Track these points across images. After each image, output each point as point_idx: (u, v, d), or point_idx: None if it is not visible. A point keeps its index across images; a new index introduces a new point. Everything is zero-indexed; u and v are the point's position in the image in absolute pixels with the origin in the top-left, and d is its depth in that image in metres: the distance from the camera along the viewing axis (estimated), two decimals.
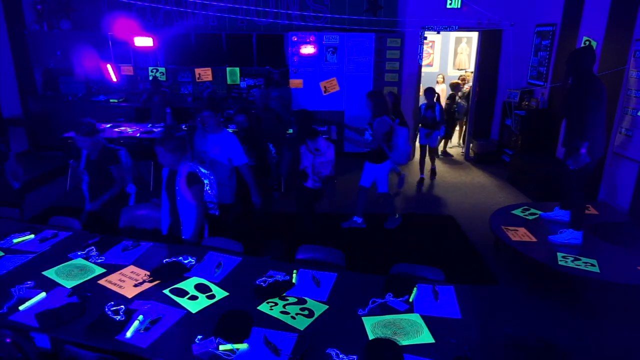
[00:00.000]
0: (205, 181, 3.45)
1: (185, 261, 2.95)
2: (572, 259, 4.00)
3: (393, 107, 5.99)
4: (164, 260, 2.95)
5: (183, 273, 2.82)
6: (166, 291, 2.62)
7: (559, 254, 4.08)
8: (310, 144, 4.44)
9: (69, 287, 2.66)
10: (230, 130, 4.48)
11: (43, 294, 2.55)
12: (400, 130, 5.24)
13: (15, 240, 3.20)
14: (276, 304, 2.52)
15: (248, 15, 8.31)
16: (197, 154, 4.22)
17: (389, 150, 5.18)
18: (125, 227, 3.79)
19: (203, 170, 3.47)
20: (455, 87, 8.74)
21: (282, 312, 2.44)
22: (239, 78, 8.36)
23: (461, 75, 9.82)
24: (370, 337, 2.25)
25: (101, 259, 2.99)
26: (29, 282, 2.67)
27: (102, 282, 2.73)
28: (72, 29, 8.48)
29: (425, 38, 8.35)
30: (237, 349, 2.13)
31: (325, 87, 8.15)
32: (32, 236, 3.28)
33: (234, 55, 8.32)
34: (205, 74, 8.38)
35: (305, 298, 2.58)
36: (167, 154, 3.28)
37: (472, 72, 10.29)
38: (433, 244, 5.09)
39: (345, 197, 6.40)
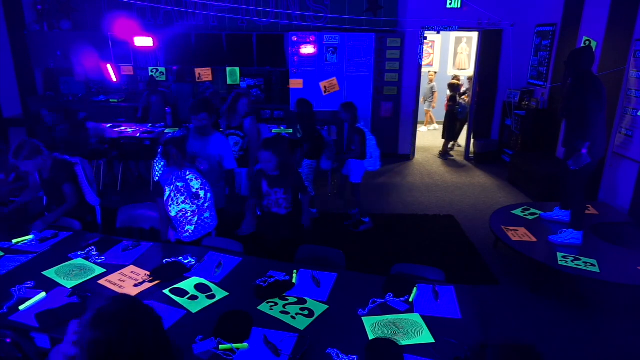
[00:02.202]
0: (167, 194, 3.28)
1: (185, 261, 2.96)
2: (572, 259, 4.00)
3: (307, 119, 5.52)
4: (164, 260, 2.96)
5: (183, 273, 2.82)
6: (166, 291, 2.62)
7: (559, 254, 4.08)
8: None
9: (69, 287, 2.66)
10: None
11: (43, 294, 2.55)
12: (264, 128, 5.11)
13: (14, 241, 3.20)
14: (276, 304, 2.52)
15: (248, 15, 8.31)
16: (189, 157, 4.16)
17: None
18: (122, 227, 3.80)
19: (194, 186, 3.34)
20: (454, 87, 8.70)
21: (282, 312, 2.44)
22: (239, 78, 8.36)
23: (456, 76, 9.76)
24: (370, 337, 2.25)
25: (101, 259, 2.99)
26: (29, 282, 2.68)
27: (102, 282, 2.73)
28: (72, 29, 8.47)
29: (425, 38, 8.35)
30: (237, 349, 2.14)
31: (325, 87, 8.15)
32: (32, 236, 3.28)
33: (234, 55, 8.32)
34: (205, 74, 8.38)
35: (305, 298, 2.58)
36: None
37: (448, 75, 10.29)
38: (433, 244, 5.09)
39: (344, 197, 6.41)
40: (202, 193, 3.35)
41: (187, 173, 3.33)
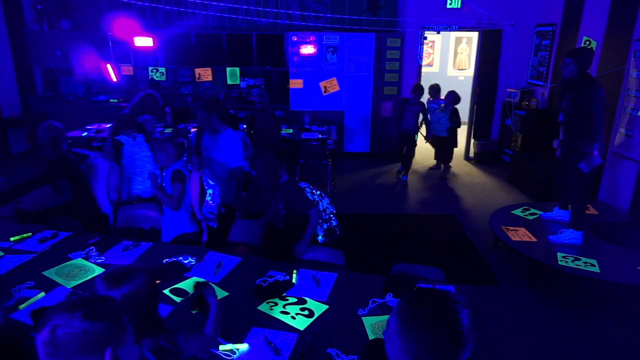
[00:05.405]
0: (209, 191, 3.49)
1: (185, 261, 2.96)
2: (572, 259, 4.00)
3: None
4: (164, 260, 2.96)
5: (183, 273, 2.83)
6: (166, 291, 2.62)
7: (559, 254, 4.08)
8: None
9: (69, 287, 2.66)
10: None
11: (42, 294, 2.55)
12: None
13: (12, 239, 3.21)
14: (276, 304, 2.52)
15: (248, 15, 8.31)
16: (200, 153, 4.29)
17: None
18: (122, 227, 3.80)
19: (210, 182, 3.53)
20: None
21: (282, 312, 2.44)
22: (239, 78, 8.36)
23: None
24: (370, 337, 2.25)
25: (101, 259, 2.99)
26: (29, 282, 2.68)
27: None
28: (72, 29, 8.47)
29: (425, 38, 8.34)
30: (237, 349, 2.14)
31: (325, 87, 8.15)
32: (30, 234, 3.29)
33: (234, 55, 8.32)
34: (205, 74, 8.38)
35: (305, 298, 2.58)
36: (161, 154, 3.41)
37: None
38: (433, 244, 5.09)
39: (347, 197, 6.41)
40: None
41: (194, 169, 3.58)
